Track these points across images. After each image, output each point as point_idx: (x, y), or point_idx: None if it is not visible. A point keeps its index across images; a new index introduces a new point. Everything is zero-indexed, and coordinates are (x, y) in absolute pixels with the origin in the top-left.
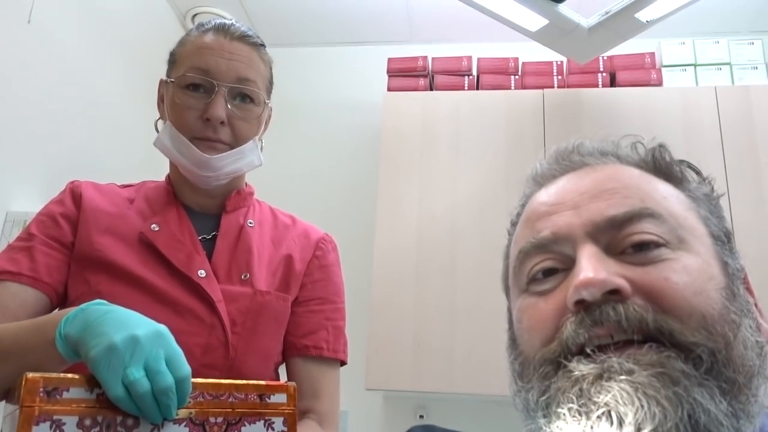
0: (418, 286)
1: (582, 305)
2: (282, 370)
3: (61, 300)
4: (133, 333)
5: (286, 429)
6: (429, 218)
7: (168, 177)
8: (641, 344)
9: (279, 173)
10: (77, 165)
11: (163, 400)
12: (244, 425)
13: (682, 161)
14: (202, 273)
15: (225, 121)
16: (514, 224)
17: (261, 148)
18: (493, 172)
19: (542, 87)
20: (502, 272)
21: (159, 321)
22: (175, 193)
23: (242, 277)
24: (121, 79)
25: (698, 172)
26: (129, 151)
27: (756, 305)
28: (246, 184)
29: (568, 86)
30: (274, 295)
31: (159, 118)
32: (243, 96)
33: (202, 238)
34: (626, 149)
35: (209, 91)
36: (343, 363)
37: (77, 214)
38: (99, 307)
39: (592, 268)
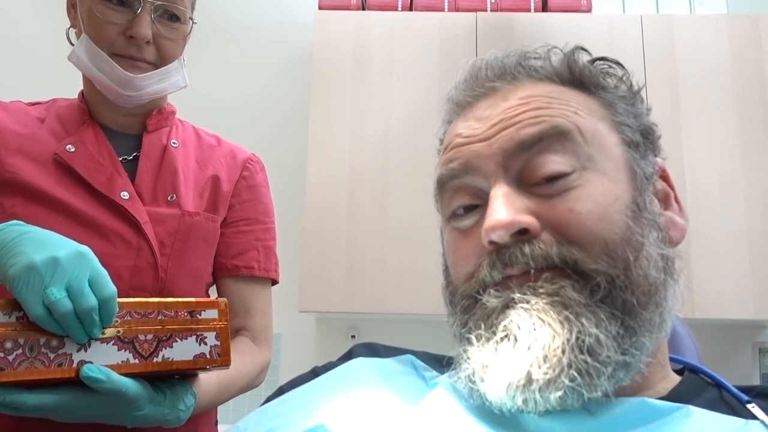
0: (351, 211)
1: (495, 245)
2: (213, 292)
3: None
4: (53, 254)
5: (219, 343)
6: (361, 142)
7: (81, 94)
8: (540, 273)
9: (204, 95)
10: None
11: (86, 320)
12: (176, 341)
13: (602, 58)
14: (125, 195)
15: (150, 40)
16: (441, 141)
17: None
18: (426, 97)
19: (475, 10)
20: (433, 194)
21: (83, 244)
22: (90, 111)
23: (168, 198)
24: None
25: (619, 64)
26: (33, 64)
27: (676, 199)
28: (168, 102)
29: (501, 10)
30: (202, 216)
31: (70, 27)
32: (169, 14)
33: (123, 159)
34: (540, 59)
35: (132, 5)
36: (274, 282)
37: None
38: (15, 227)
39: (503, 208)
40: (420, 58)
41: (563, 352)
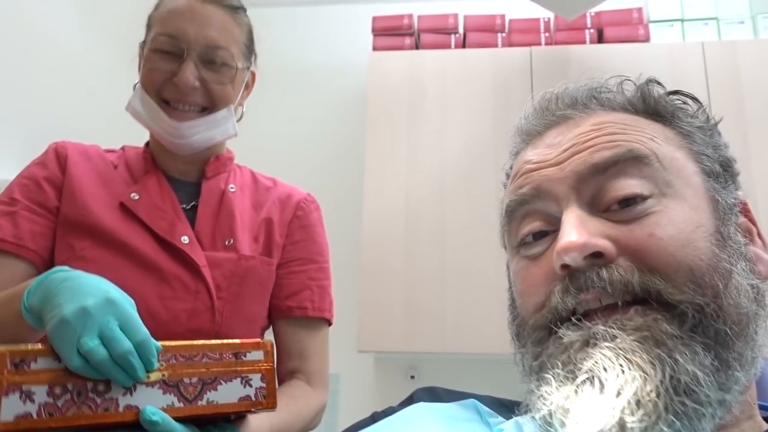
0: (408, 247)
1: (568, 270)
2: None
3: (48, 267)
4: (82, 304)
5: (264, 385)
6: (417, 178)
7: (147, 144)
8: (627, 307)
9: (263, 136)
10: (55, 129)
11: (125, 364)
12: (221, 384)
13: (676, 91)
14: (185, 239)
15: (197, 86)
16: (508, 175)
17: (241, 115)
18: (480, 132)
19: (530, 44)
20: (500, 227)
21: (144, 287)
22: (155, 159)
23: (226, 242)
24: (95, 40)
25: (695, 99)
26: (109, 114)
27: (759, 235)
28: (226, 149)
29: (556, 43)
30: (258, 260)
31: (138, 82)
32: (214, 62)
33: (184, 206)
34: (612, 92)
35: (179, 56)
36: (329, 323)
37: (62, 177)
38: (57, 275)
39: (575, 231)
40: (474, 93)
41: (658, 395)
